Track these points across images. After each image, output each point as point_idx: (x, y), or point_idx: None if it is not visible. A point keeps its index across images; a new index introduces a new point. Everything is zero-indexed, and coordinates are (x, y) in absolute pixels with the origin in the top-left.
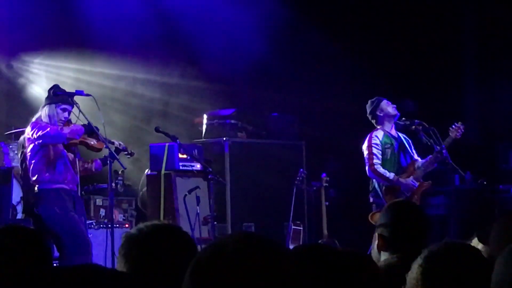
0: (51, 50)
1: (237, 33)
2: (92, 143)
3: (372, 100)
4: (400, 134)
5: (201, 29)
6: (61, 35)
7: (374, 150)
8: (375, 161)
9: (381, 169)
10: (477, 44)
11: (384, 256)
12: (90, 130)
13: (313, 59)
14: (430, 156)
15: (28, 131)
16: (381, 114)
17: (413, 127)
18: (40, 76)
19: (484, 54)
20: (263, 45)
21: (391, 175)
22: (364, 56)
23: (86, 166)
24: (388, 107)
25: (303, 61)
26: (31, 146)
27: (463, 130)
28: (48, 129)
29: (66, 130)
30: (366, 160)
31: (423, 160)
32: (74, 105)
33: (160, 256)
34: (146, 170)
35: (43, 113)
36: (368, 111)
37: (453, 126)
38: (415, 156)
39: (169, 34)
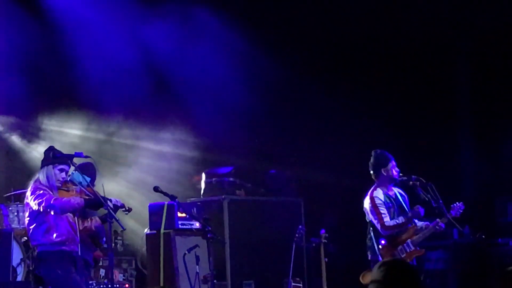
0: (51, 112)
1: (233, 91)
2: None
3: (380, 154)
4: (396, 191)
5: (197, 88)
6: (61, 98)
7: (381, 210)
8: (385, 219)
9: (391, 223)
10: (473, 99)
11: None
12: (94, 203)
13: (310, 115)
14: (427, 223)
15: (28, 195)
16: (385, 174)
17: (411, 182)
18: (39, 138)
19: (481, 109)
20: (259, 103)
21: (399, 219)
22: (362, 112)
23: (86, 225)
24: (393, 170)
25: (299, 117)
26: (30, 211)
27: (462, 210)
28: (44, 198)
29: (64, 200)
30: (377, 222)
31: (425, 223)
32: (73, 167)
33: None
34: (145, 229)
35: (41, 175)
36: (373, 163)
37: (453, 205)
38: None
39: (166, 94)
